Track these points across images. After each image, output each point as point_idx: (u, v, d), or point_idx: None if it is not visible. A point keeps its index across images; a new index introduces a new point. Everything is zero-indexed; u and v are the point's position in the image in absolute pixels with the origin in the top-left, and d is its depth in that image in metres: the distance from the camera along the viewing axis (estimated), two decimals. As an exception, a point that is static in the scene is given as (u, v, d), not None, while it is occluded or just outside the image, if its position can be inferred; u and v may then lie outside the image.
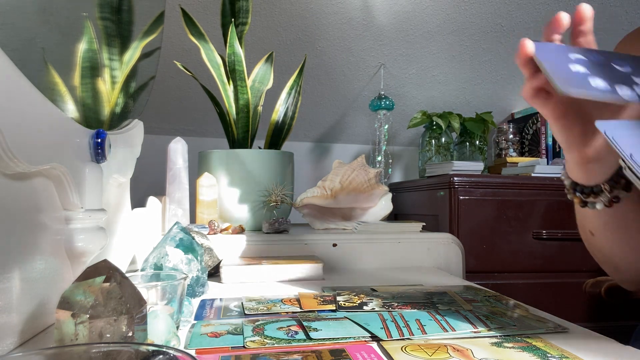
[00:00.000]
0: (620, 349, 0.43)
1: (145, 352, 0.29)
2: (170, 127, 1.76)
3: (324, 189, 1.12)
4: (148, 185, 1.28)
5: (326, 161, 1.94)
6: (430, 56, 1.68)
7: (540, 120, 1.77)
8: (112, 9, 0.71)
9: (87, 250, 0.54)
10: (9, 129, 0.37)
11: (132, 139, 0.75)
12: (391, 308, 0.57)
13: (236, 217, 1.13)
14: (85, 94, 0.65)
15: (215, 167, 1.13)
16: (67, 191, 0.51)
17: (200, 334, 0.48)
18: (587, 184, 0.52)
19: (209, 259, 0.79)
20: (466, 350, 0.42)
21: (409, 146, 2.02)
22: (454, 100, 1.87)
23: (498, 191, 1.39)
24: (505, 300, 0.62)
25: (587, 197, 0.52)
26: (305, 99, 1.71)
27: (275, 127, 1.24)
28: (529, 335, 0.47)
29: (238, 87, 1.14)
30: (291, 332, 0.48)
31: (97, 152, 0.56)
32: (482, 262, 1.36)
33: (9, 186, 0.42)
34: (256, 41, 1.53)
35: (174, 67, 1.31)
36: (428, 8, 1.52)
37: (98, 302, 0.35)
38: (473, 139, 1.75)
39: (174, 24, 1.38)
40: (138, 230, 0.79)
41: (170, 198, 0.98)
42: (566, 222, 1.40)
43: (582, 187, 0.52)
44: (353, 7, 1.49)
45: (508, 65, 1.76)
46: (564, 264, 1.40)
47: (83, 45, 0.64)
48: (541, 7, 1.57)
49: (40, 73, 0.55)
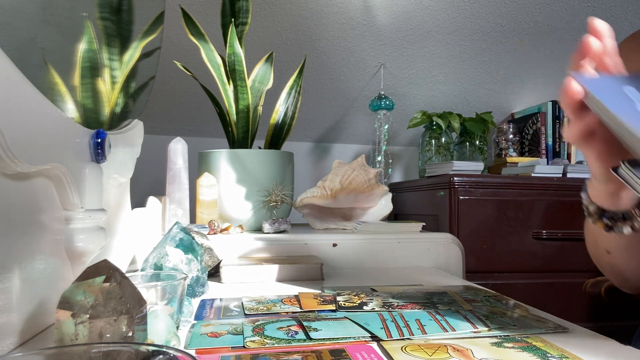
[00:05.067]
0: (620, 349, 0.43)
1: (145, 352, 0.29)
2: (170, 127, 1.76)
3: (324, 189, 1.12)
4: (148, 185, 1.28)
5: (326, 161, 1.94)
6: (430, 56, 1.68)
7: (540, 120, 1.77)
8: (112, 9, 0.71)
9: (87, 250, 0.54)
10: (9, 129, 0.37)
11: (132, 139, 0.75)
12: (391, 308, 0.57)
13: (236, 217, 1.13)
14: (85, 94, 0.65)
15: (215, 167, 1.13)
16: (67, 191, 0.51)
17: (200, 334, 0.48)
18: (616, 209, 0.51)
19: (209, 259, 0.79)
20: (466, 350, 0.42)
21: (409, 146, 2.02)
22: (454, 100, 1.87)
23: (498, 191, 1.39)
24: (505, 300, 0.62)
25: (614, 223, 0.51)
26: (305, 99, 1.71)
27: (275, 127, 1.24)
28: (529, 335, 0.47)
29: (238, 87, 1.14)
30: (291, 332, 0.48)
31: (97, 152, 0.56)
32: (482, 262, 1.36)
33: (9, 186, 0.42)
34: (256, 41, 1.53)
35: (174, 67, 1.32)
36: (428, 8, 1.52)
37: (98, 302, 0.35)
38: (473, 139, 1.75)
39: (174, 24, 1.38)
40: (138, 230, 0.79)
41: (170, 198, 0.98)
42: (566, 222, 1.40)
43: (611, 214, 0.51)
44: (353, 7, 1.49)
45: (508, 65, 1.76)
46: (564, 264, 1.40)
47: (83, 45, 0.64)
48: (541, 7, 1.57)
49: (40, 73, 0.55)
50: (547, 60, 1.77)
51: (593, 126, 0.43)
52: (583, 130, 0.44)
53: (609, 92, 0.41)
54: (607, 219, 0.52)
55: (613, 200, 0.50)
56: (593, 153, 0.46)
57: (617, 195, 0.50)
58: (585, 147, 0.46)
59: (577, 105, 0.43)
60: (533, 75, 1.83)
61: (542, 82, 1.86)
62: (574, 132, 0.45)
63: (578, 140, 0.45)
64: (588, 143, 0.45)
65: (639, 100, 0.41)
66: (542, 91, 1.89)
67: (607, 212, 0.52)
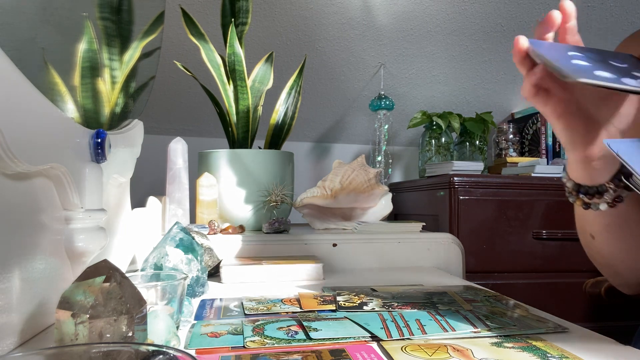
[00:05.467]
0: (620, 349, 0.43)
1: (145, 352, 0.29)
2: (170, 127, 1.76)
3: (324, 189, 1.12)
4: (148, 185, 1.28)
5: (326, 161, 1.94)
6: (430, 56, 1.68)
7: (541, 120, 1.77)
8: (112, 9, 0.71)
9: (87, 250, 0.54)
10: (9, 129, 0.37)
11: (132, 139, 0.75)
12: (391, 308, 0.57)
13: (236, 217, 1.13)
14: (85, 94, 0.65)
15: (215, 167, 1.13)
16: (67, 191, 0.51)
17: (200, 334, 0.48)
18: (591, 184, 0.51)
19: (209, 259, 0.79)
20: (466, 350, 0.42)
21: (409, 146, 2.02)
22: (454, 100, 1.87)
23: (498, 191, 1.39)
24: (505, 300, 0.62)
25: (591, 198, 0.52)
26: (305, 99, 1.70)
27: (275, 127, 1.24)
28: (529, 335, 0.47)
29: (238, 87, 1.14)
30: (291, 332, 0.48)
31: (97, 152, 0.56)
32: (482, 262, 1.36)
33: (9, 186, 0.42)
34: (256, 41, 1.53)
35: (174, 67, 1.31)
36: (428, 8, 1.52)
37: (98, 302, 0.35)
38: (473, 139, 1.75)
39: (174, 24, 1.38)
40: (138, 230, 0.79)
41: (170, 198, 0.98)
42: (566, 222, 1.40)
43: (586, 188, 0.52)
44: (353, 7, 1.49)
45: (508, 65, 1.76)
46: (564, 264, 1.40)
47: (83, 45, 0.64)
48: (541, 7, 1.57)
49: (40, 73, 0.55)
50: (547, 60, 1.77)
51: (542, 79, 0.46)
52: (533, 83, 0.47)
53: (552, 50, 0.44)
54: (583, 195, 0.52)
55: (586, 171, 0.51)
56: (551, 112, 0.48)
57: (588, 165, 0.50)
58: (541, 103, 0.48)
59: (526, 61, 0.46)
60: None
61: (542, 82, 1.86)
62: (526, 86, 0.47)
63: (532, 96, 0.48)
64: (545, 101, 0.47)
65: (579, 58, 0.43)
66: (542, 91, 1.89)
67: (582, 187, 0.52)
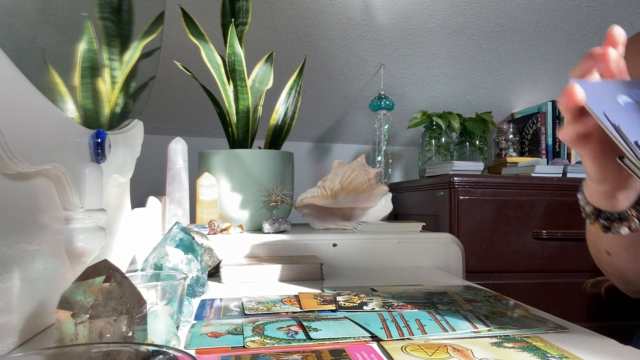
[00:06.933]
0: (620, 349, 0.43)
1: (145, 352, 0.29)
2: (170, 127, 1.76)
3: (324, 189, 1.12)
4: (148, 185, 1.28)
5: (326, 161, 1.94)
6: (430, 56, 1.68)
7: (540, 120, 1.77)
8: (112, 9, 0.71)
9: (87, 250, 0.54)
10: (9, 129, 0.37)
11: (132, 139, 0.75)
12: (391, 308, 0.57)
13: (236, 217, 1.13)
14: (85, 94, 0.65)
15: (215, 167, 1.13)
16: (67, 191, 0.51)
17: (200, 334, 0.48)
18: (613, 210, 0.51)
19: (209, 259, 0.79)
20: (466, 350, 0.42)
21: (409, 146, 2.02)
22: (454, 100, 1.87)
23: (498, 191, 1.39)
24: (505, 300, 0.62)
25: (611, 224, 0.51)
26: (305, 99, 1.71)
27: (275, 127, 1.24)
28: (529, 335, 0.47)
29: (238, 87, 1.14)
30: (291, 332, 0.48)
31: (97, 152, 0.56)
32: (482, 262, 1.36)
33: (9, 186, 0.42)
34: (256, 41, 1.53)
35: (174, 67, 1.32)
36: (428, 8, 1.52)
37: (98, 302, 0.35)
38: (473, 139, 1.75)
39: (174, 24, 1.38)
40: (138, 230, 0.79)
41: (170, 198, 0.98)
42: (566, 222, 1.40)
43: (607, 214, 0.51)
44: (353, 7, 1.49)
45: (508, 65, 1.76)
46: (564, 264, 1.40)
47: (83, 45, 0.64)
48: (541, 7, 1.57)
49: (40, 73, 0.55)
50: (546, 60, 1.77)
51: (590, 129, 0.44)
52: (580, 133, 0.44)
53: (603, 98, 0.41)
54: (603, 220, 0.52)
55: (609, 200, 0.50)
56: (588, 154, 0.46)
57: (612, 195, 0.49)
58: (581, 148, 0.46)
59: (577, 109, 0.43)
60: (533, 75, 1.83)
61: (542, 82, 1.86)
62: (571, 134, 0.45)
63: (574, 142, 0.45)
64: (583, 144, 0.46)
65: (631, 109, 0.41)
66: (542, 91, 1.89)
67: (603, 212, 0.51)
